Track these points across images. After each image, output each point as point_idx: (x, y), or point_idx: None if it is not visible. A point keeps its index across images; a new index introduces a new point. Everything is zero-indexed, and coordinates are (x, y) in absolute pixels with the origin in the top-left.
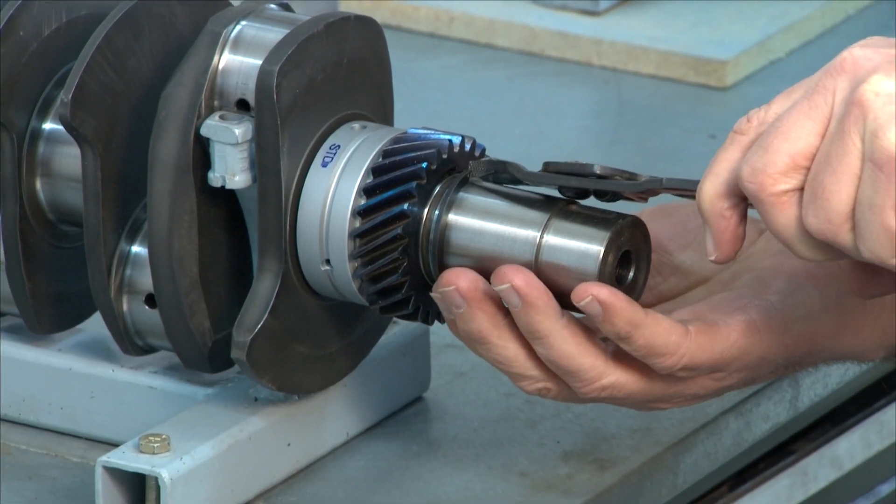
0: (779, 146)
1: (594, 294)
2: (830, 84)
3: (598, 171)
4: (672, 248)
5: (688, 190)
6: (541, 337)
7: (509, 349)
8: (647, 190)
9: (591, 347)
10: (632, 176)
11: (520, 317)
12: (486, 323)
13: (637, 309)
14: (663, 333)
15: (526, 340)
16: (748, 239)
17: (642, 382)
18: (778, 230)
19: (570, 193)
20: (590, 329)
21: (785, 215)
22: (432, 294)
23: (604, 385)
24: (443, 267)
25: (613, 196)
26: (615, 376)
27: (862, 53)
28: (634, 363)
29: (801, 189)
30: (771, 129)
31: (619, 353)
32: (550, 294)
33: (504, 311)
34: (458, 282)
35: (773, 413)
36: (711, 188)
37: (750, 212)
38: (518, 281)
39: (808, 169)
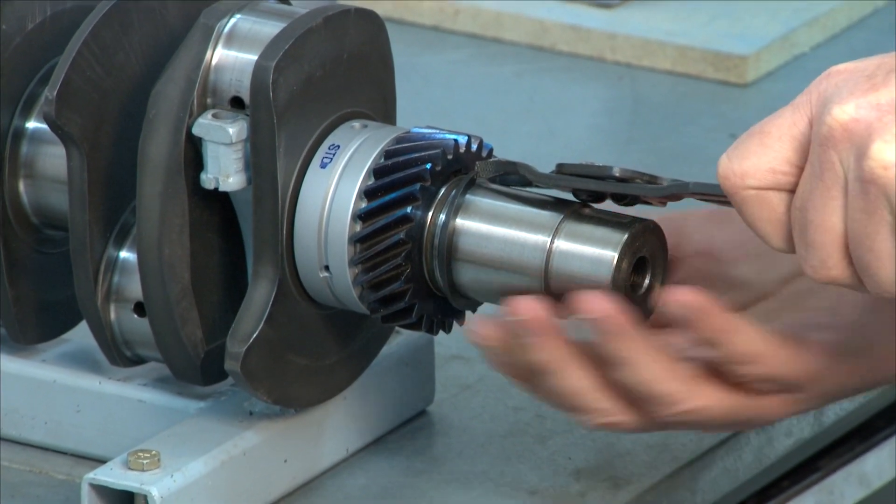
0: (822, 239)
1: (680, 300)
2: (833, 158)
3: (617, 174)
4: (728, 259)
5: (716, 196)
6: (624, 363)
7: (582, 380)
8: (671, 195)
9: (677, 371)
10: (653, 179)
11: (601, 344)
12: (557, 352)
13: (728, 316)
14: (756, 339)
15: (600, 369)
16: None
17: (724, 406)
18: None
19: (584, 197)
20: (671, 350)
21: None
22: (472, 329)
23: (687, 410)
24: (449, 274)
25: (632, 200)
26: (699, 401)
27: (847, 115)
28: (718, 385)
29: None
30: (806, 226)
31: (702, 376)
32: (629, 316)
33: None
34: (526, 312)
35: (796, 428)
36: None
37: None
38: (599, 309)
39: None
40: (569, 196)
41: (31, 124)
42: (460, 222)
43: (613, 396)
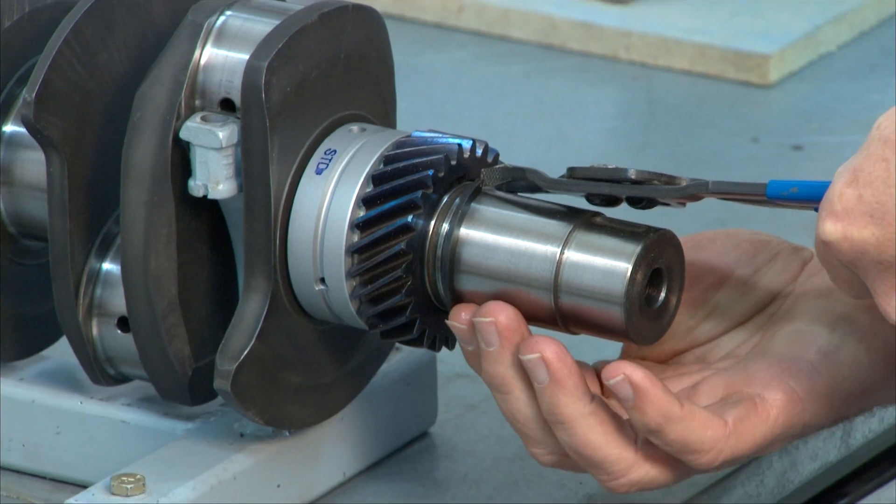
0: None
1: (627, 374)
2: None
3: (632, 177)
4: (707, 285)
5: (739, 195)
6: (563, 422)
7: (530, 408)
8: (690, 195)
9: (620, 437)
10: (671, 179)
11: (544, 396)
12: (512, 369)
13: (672, 400)
14: (698, 428)
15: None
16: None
17: (676, 474)
18: None
19: (598, 201)
20: (619, 417)
21: None
22: (450, 322)
23: (632, 480)
24: (453, 286)
25: (649, 203)
26: (645, 471)
27: None
28: (668, 454)
29: None
30: None
31: (651, 443)
32: (581, 375)
33: None
34: (499, 316)
35: (822, 451)
36: None
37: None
38: (549, 353)
39: None
40: (580, 203)
41: (9, 128)
42: (465, 232)
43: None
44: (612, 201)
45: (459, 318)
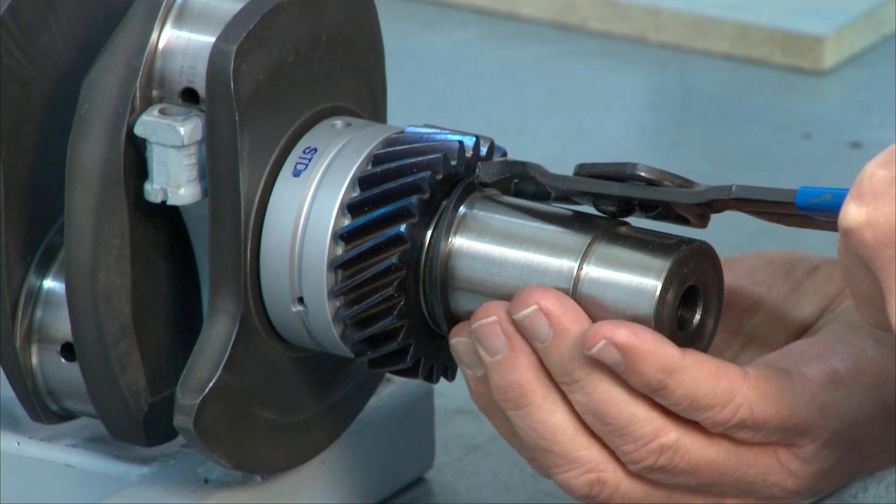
0: None
1: (609, 337)
2: None
3: (641, 173)
4: (742, 310)
5: (765, 202)
6: (579, 378)
7: (556, 416)
8: (709, 202)
9: (646, 397)
10: (687, 183)
11: (550, 354)
12: (529, 372)
13: (669, 351)
14: (709, 379)
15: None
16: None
17: (712, 449)
18: None
19: (608, 205)
20: None
21: None
22: (453, 341)
23: (663, 444)
24: (447, 307)
25: (664, 211)
26: (677, 434)
27: None
28: (698, 426)
29: None
30: None
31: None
32: (590, 322)
33: None
34: (502, 313)
35: (884, 499)
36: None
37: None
38: (548, 302)
39: None
40: (591, 209)
41: None
42: (465, 244)
43: (595, 444)
44: (625, 208)
45: (464, 333)
